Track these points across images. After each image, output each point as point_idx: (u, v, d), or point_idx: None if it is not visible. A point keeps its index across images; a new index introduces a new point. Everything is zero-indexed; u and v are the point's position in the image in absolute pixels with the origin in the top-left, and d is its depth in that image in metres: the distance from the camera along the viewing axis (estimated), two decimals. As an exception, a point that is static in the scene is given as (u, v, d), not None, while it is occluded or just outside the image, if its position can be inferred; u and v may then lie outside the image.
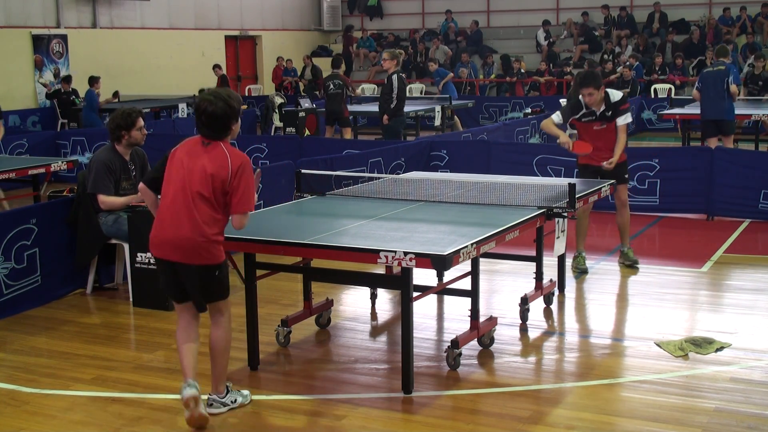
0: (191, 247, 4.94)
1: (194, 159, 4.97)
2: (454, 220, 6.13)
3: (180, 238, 4.94)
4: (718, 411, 5.14)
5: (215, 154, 4.96)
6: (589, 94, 7.93)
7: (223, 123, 4.99)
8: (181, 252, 4.97)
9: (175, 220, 4.95)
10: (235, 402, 5.30)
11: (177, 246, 4.97)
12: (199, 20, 24.41)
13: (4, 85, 19.43)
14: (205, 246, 4.96)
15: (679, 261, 8.75)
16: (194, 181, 4.93)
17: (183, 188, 4.95)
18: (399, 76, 13.12)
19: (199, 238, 4.93)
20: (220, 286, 5.14)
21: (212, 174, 4.91)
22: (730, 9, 23.94)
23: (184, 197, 4.94)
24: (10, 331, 6.84)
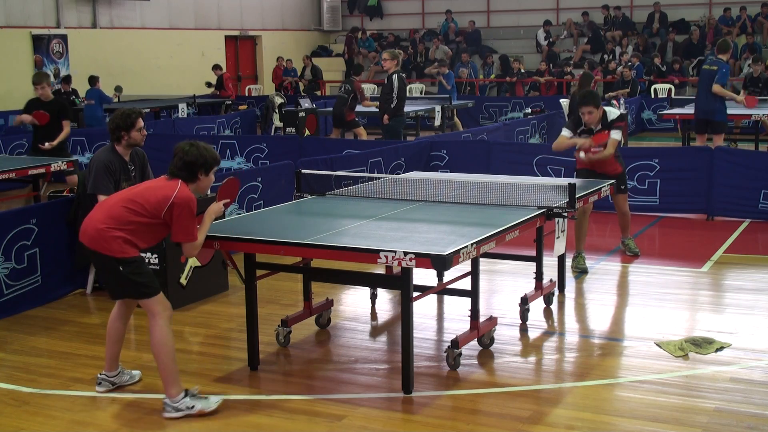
0: (92, 234, 5.25)
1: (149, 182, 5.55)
2: (454, 220, 6.13)
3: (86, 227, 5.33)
4: (718, 411, 5.14)
5: (168, 184, 5.31)
6: (588, 112, 8.02)
7: (191, 167, 5.31)
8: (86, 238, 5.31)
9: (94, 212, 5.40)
10: (192, 408, 5.19)
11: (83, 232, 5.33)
12: (199, 20, 24.42)
13: (4, 85, 19.44)
14: (102, 236, 5.21)
15: (679, 261, 8.75)
16: (135, 190, 5.41)
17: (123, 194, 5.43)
18: (399, 75, 13.13)
19: (100, 225, 5.22)
20: (129, 283, 5.25)
21: (153, 189, 5.32)
22: (731, 9, 23.93)
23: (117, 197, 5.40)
24: (10, 331, 6.84)
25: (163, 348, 5.19)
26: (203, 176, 5.37)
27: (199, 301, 7.49)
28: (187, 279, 7.43)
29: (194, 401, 5.22)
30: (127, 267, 5.23)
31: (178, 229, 5.28)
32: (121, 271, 5.22)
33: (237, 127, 18.38)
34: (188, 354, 6.38)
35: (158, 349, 5.20)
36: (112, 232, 5.20)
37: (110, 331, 5.55)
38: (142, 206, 5.25)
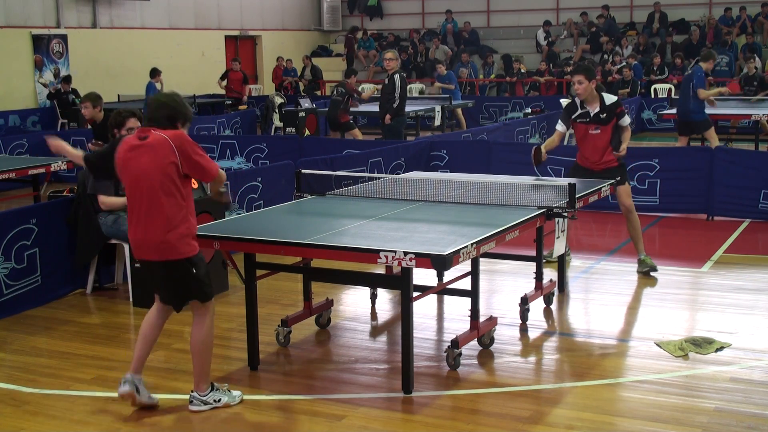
0: (160, 243, 5.06)
1: (138, 156, 5.07)
2: (454, 220, 6.13)
3: (149, 238, 5.09)
4: (718, 411, 5.14)
5: (154, 141, 5.04)
6: (578, 81, 7.91)
7: (169, 115, 5.12)
8: (153, 250, 5.11)
9: (142, 220, 5.11)
10: (219, 401, 5.29)
11: (149, 245, 5.11)
12: (199, 20, 24.41)
13: (4, 85, 19.44)
14: (173, 241, 5.06)
15: (679, 261, 8.75)
16: (143, 180, 5.06)
17: (140, 187, 5.07)
18: (401, 75, 13.11)
19: (167, 235, 5.04)
20: (199, 285, 5.19)
21: (160, 162, 5.02)
22: (731, 9, 23.94)
23: (142, 196, 5.07)
24: (10, 331, 6.84)
25: (208, 346, 5.25)
26: (180, 124, 5.18)
27: (199, 301, 7.48)
28: (187, 279, 7.41)
29: (220, 395, 5.31)
30: (198, 266, 5.17)
31: (201, 166, 5.12)
32: (195, 273, 5.15)
33: (237, 127, 18.39)
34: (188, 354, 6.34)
35: (202, 347, 5.22)
36: (174, 233, 5.06)
37: (147, 332, 5.33)
38: (171, 180, 5.05)
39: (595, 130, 8.00)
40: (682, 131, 13.12)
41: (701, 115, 12.77)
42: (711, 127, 13.00)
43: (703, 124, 12.85)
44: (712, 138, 12.77)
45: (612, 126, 7.99)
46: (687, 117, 12.75)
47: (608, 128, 7.99)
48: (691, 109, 12.64)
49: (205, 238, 5.69)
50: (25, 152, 13.98)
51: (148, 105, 5.25)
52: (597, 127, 7.99)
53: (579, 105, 8.05)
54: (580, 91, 7.94)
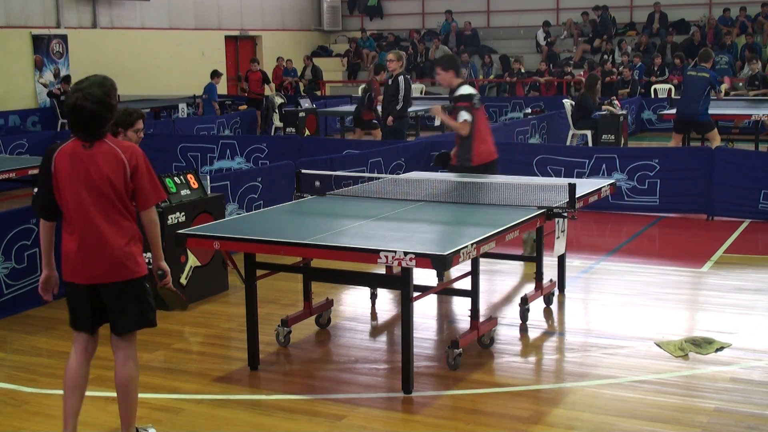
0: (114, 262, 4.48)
1: (83, 166, 4.42)
2: (454, 220, 6.13)
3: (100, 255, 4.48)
4: (718, 411, 5.14)
5: (103, 152, 4.43)
6: (437, 73, 8.07)
7: (100, 122, 4.43)
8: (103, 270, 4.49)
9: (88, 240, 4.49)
10: None
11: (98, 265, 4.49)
12: (199, 20, 24.41)
13: (4, 85, 19.44)
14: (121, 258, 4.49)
15: (679, 261, 8.75)
16: (92, 189, 4.43)
17: (82, 203, 4.45)
18: (405, 77, 13.03)
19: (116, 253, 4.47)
20: (148, 306, 4.61)
21: (109, 175, 4.41)
22: (730, 9, 23.94)
23: (87, 212, 4.45)
24: (11, 331, 6.85)
25: (137, 383, 4.67)
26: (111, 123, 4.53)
27: (199, 301, 7.49)
28: (187, 279, 7.43)
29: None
30: (149, 282, 4.63)
31: (150, 187, 4.51)
32: (147, 288, 4.60)
33: (237, 127, 18.39)
34: (188, 354, 6.38)
35: (135, 385, 4.63)
36: (128, 248, 4.50)
37: (77, 381, 4.63)
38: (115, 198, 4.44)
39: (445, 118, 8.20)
40: (681, 130, 13.14)
41: (707, 116, 12.80)
42: (715, 127, 13.03)
43: (708, 125, 12.89)
44: (715, 138, 12.80)
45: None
46: (693, 117, 12.71)
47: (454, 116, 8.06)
48: (700, 111, 12.62)
49: (205, 238, 5.70)
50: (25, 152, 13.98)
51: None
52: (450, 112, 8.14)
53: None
54: (438, 81, 8.18)
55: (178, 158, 13.39)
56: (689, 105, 12.77)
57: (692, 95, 12.73)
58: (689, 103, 12.78)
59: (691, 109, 12.73)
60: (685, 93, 13.12)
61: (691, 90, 12.81)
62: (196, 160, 13.45)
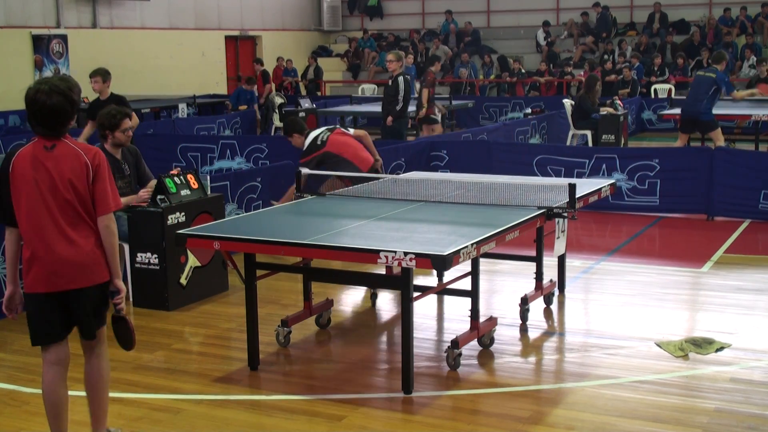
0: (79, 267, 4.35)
1: (44, 168, 4.29)
2: (454, 221, 6.12)
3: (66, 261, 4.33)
4: (719, 411, 5.14)
5: (65, 154, 4.32)
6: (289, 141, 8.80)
7: (63, 118, 4.31)
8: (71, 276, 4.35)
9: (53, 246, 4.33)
10: None
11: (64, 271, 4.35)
12: (199, 20, 24.40)
13: (4, 85, 19.43)
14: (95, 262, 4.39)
15: (679, 261, 8.75)
16: (55, 192, 4.29)
17: (45, 206, 4.30)
18: (405, 78, 13.02)
19: (84, 256, 4.35)
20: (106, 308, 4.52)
21: (71, 178, 4.29)
22: (731, 9, 23.94)
23: (51, 215, 4.30)
24: (11, 331, 6.83)
25: (108, 380, 4.61)
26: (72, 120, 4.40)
27: (199, 301, 7.49)
28: (187, 279, 7.43)
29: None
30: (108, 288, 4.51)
31: (106, 193, 4.35)
32: (106, 294, 4.49)
33: (237, 127, 18.38)
34: (188, 354, 6.38)
35: (106, 383, 4.57)
36: (94, 252, 4.37)
37: (60, 400, 4.45)
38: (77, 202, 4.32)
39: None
40: (686, 129, 13.10)
41: (710, 115, 12.81)
42: (718, 127, 13.03)
43: (711, 125, 12.88)
44: (719, 138, 12.78)
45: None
46: (696, 116, 12.72)
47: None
48: (702, 110, 12.64)
49: (205, 238, 5.70)
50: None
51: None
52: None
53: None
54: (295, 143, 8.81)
55: (178, 158, 13.39)
56: (693, 104, 12.79)
57: (697, 95, 12.73)
58: (693, 103, 12.80)
59: (694, 108, 12.74)
60: (691, 92, 13.14)
61: (696, 89, 12.82)
62: (196, 160, 13.45)
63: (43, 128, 4.32)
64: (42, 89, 4.27)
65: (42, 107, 4.26)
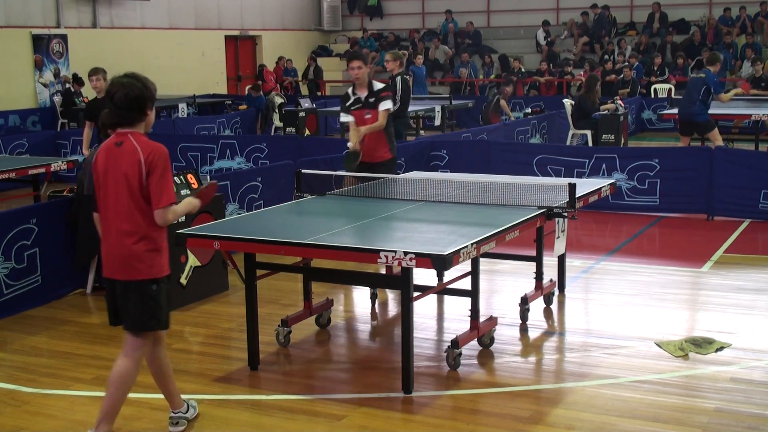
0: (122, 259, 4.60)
1: (111, 163, 4.60)
2: (454, 220, 6.12)
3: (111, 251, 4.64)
4: (719, 411, 5.14)
5: (126, 151, 4.55)
6: (358, 67, 8.11)
7: (138, 105, 4.58)
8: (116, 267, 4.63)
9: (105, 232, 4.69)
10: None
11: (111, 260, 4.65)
12: (199, 20, 24.41)
13: (4, 85, 19.43)
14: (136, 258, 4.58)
15: (679, 261, 8.75)
16: (115, 185, 4.57)
17: (109, 199, 4.62)
18: (403, 78, 13.00)
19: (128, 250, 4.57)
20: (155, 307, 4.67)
21: (126, 173, 4.53)
22: (731, 9, 23.94)
23: (107, 206, 4.63)
24: (11, 331, 6.84)
25: (131, 384, 4.75)
26: (150, 111, 4.67)
27: (199, 301, 7.49)
28: (187, 279, 7.43)
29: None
30: (160, 287, 4.68)
31: (160, 189, 4.52)
32: (154, 290, 4.64)
33: (237, 127, 18.39)
34: (188, 354, 6.38)
35: (127, 385, 4.70)
36: (144, 245, 4.58)
37: (161, 368, 4.90)
38: (135, 197, 4.54)
39: (368, 115, 8.14)
40: (685, 131, 13.15)
41: (705, 116, 12.80)
42: (714, 127, 13.04)
43: (707, 125, 12.89)
44: (716, 138, 12.79)
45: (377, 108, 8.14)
46: (691, 118, 12.76)
47: (376, 112, 8.13)
48: (696, 111, 12.66)
49: (206, 238, 5.70)
50: (25, 152, 13.99)
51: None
52: (369, 111, 8.14)
53: (351, 93, 8.23)
54: (358, 74, 8.14)
55: (179, 158, 13.39)
56: (688, 106, 12.81)
57: (690, 97, 12.77)
58: (687, 105, 12.83)
59: (688, 110, 12.77)
60: (685, 95, 13.20)
61: (690, 91, 12.88)
62: (196, 160, 13.45)
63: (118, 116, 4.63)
64: (121, 81, 4.59)
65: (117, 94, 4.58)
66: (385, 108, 8.11)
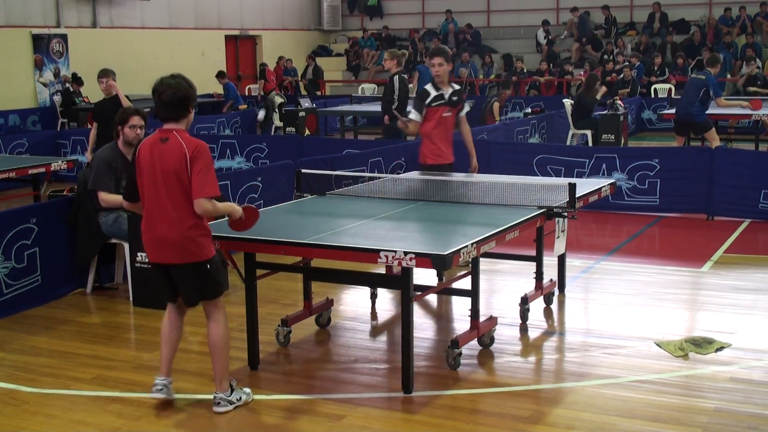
0: (176, 245, 5.05)
1: (158, 157, 5.02)
2: (454, 220, 6.12)
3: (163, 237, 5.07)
4: (718, 411, 5.14)
5: (172, 147, 4.99)
6: (439, 64, 8.02)
7: (184, 103, 5.05)
8: (169, 251, 5.08)
9: (153, 221, 5.09)
10: (240, 400, 5.31)
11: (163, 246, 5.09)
12: (199, 20, 24.41)
13: (4, 84, 19.43)
14: (190, 242, 5.05)
15: (679, 261, 8.75)
16: (164, 178, 4.99)
17: (156, 190, 5.03)
18: (401, 77, 13.05)
19: (180, 236, 5.03)
20: (212, 282, 5.20)
21: (174, 167, 4.96)
22: (731, 9, 23.94)
23: (158, 197, 5.03)
24: (10, 331, 6.84)
25: (227, 344, 5.28)
26: (192, 109, 5.16)
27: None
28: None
29: (239, 393, 5.34)
30: (214, 264, 5.17)
31: (202, 180, 4.94)
32: (209, 269, 5.14)
33: (237, 126, 18.39)
34: (188, 354, 6.37)
35: (217, 347, 5.23)
36: (195, 231, 5.05)
37: (170, 336, 5.40)
38: (179, 187, 4.97)
39: (447, 113, 8.13)
40: (681, 131, 13.21)
41: (703, 117, 12.82)
42: (712, 128, 13.06)
43: (704, 126, 12.91)
44: (714, 138, 12.82)
45: (456, 112, 8.19)
46: (689, 118, 12.77)
47: (455, 112, 8.18)
48: (695, 112, 12.67)
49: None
50: (25, 152, 14.00)
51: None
52: (449, 109, 8.13)
53: (433, 89, 8.14)
54: (440, 72, 8.07)
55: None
56: (686, 107, 12.82)
57: (689, 97, 12.77)
58: (686, 105, 12.83)
59: (686, 111, 12.77)
60: (684, 95, 13.19)
61: (688, 92, 12.89)
62: (196, 160, 13.41)
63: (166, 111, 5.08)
64: (167, 80, 5.05)
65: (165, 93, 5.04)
66: (465, 113, 8.33)
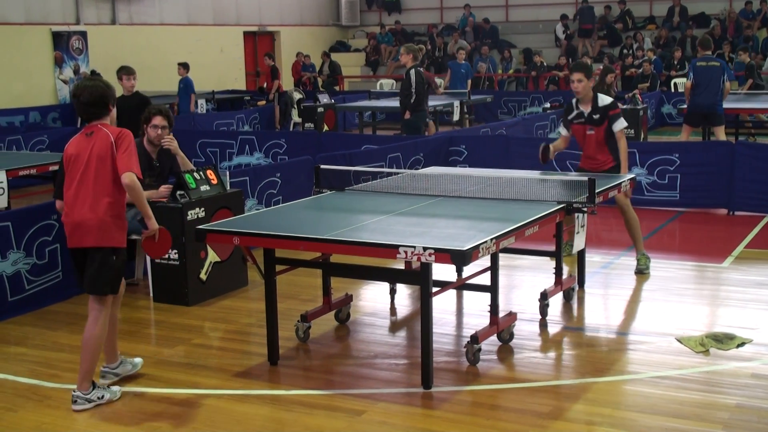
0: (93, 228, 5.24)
1: (84, 148, 5.28)
2: (473, 215, 6.11)
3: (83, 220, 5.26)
4: (740, 407, 5.11)
5: (99, 136, 5.27)
6: (578, 80, 7.84)
7: (102, 101, 5.33)
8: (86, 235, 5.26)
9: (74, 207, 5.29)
10: (102, 398, 5.35)
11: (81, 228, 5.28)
12: (217, 16, 24.47)
13: (25, 81, 19.55)
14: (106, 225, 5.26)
15: (699, 256, 8.70)
16: (93, 164, 5.24)
17: (80, 178, 5.25)
18: (417, 71, 13.06)
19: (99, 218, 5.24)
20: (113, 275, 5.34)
21: (101, 152, 5.22)
22: (751, 2, 23.76)
23: (84, 184, 5.24)
24: (32, 326, 6.89)
25: (100, 345, 5.37)
26: (112, 107, 5.45)
27: (219, 297, 7.52)
28: (206, 274, 7.46)
29: (101, 392, 5.37)
30: (119, 259, 5.35)
31: (127, 159, 5.20)
32: (113, 261, 5.30)
33: (256, 122, 18.42)
34: (208, 349, 6.41)
35: (95, 345, 5.31)
36: (113, 211, 5.27)
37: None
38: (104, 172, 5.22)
39: (590, 131, 7.97)
40: (696, 123, 12.91)
41: (722, 108, 12.66)
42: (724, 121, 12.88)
43: (722, 118, 12.73)
44: (721, 133, 12.56)
45: (605, 128, 7.91)
46: (713, 109, 12.49)
47: (601, 129, 7.92)
48: (719, 102, 12.45)
49: (225, 234, 5.72)
50: (45, 148, 14.07)
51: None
52: (591, 127, 7.95)
53: (575, 106, 8.03)
54: (579, 88, 7.88)
55: (198, 154, 13.44)
56: (709, 96, 12.48)
57: (710, 87, 12.45)
58: (709, 95, 12.49)
59: (710, 101, 12.48)
60: (701, 85, 12.61)
61: (708, 81, 12.47)
62: (216, 156, 13.50)
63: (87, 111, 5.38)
64: (85, 82, 5.41)
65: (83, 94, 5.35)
66: (621, 128, 7.93)
